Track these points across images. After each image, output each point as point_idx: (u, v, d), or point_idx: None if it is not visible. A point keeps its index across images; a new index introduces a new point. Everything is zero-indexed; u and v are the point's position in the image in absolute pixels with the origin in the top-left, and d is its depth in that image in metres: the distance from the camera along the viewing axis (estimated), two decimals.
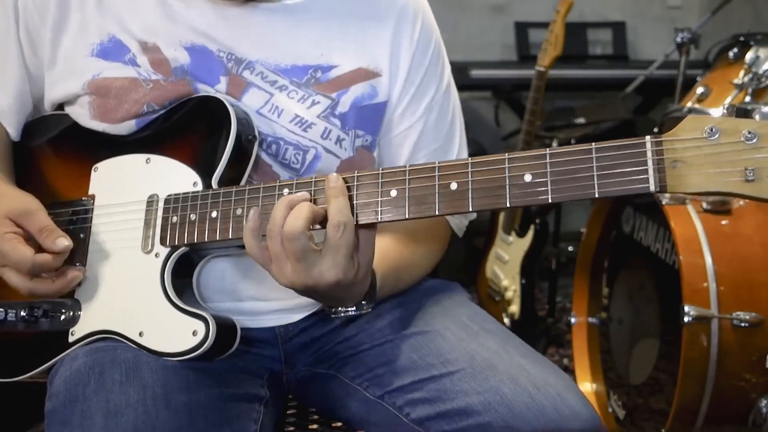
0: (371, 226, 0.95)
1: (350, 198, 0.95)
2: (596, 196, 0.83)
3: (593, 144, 0.84)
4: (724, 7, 2.60)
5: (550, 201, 0.86)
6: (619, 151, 0.83)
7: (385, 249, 1.12)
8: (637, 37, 3.83)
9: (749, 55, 1.93)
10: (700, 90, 2.08)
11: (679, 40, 2.51)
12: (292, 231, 0.91)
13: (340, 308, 1.03)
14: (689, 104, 2.11)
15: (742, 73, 1.95)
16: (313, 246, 0.92)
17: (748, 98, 1.89)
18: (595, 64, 3.65)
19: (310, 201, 0.95)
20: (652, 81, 3.00)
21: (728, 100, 1.96)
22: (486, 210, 0.91)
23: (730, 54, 2.08)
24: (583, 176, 0.84)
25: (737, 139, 0.78)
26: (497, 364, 1.03)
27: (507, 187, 0.87)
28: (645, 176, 0.81)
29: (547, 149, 0.86)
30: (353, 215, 0.93)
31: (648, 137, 0.82)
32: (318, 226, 0.94)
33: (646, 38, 3.83)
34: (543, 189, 0.86)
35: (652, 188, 0.81)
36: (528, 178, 0.86)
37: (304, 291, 0.96)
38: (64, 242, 1.05)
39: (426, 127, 1.20)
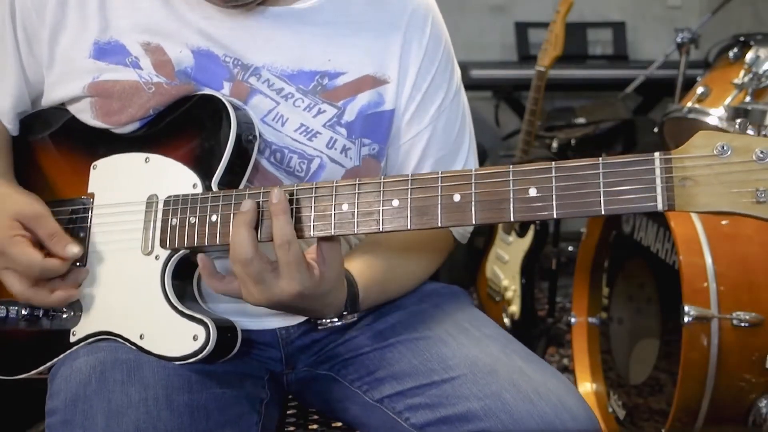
0: (331, 239, 0.95)
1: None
2: (602, 213, 0.81)
3: (600, 159, 0.82)
4: (724, 7, 2.60)
5: (554, 217, 0.83)
6: (626, 167, 0.80)
7: (371, 260, 1.12)
8: (637, 37, 3.82)
9: (749, 55, 1.94)
10: (700, 90, 2.08)
11: (679, 40, 2.51)
12: (242, 258, 0.93)
13: (325, 320, 1.04)
14: (689, 104, 2.11)
15: (742, 73, 1.96)
16: (268, 267, 0.94)
17: (748, 98, 1.89)
18: (595, 64, 3.65)
19: (259, 210, 0.96)
20: (652, 81, 3.00)
21: (728, 100, 1.97)
22: (489, 223, 0.90)
23: (730, 54, 2.09)
24: (588, 192, 0.82)
25: (749, 158, 0.76)
26: (498, 370, 1.03)
27: (511, 200, 0.85)
28: (653, 194, 0.79)
29: (553, 163, 0.84)
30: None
31: (657, 153, 0.80)
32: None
33: (646, 38, 3.83)
34: (547, 204, 0.83)
35: (659, 207, 0.79)
36: (533, 192, 0.84)
37: (276, 308, 0.98)
38: (74, 249, 1.05)
39: (434, 135, 1.18)
